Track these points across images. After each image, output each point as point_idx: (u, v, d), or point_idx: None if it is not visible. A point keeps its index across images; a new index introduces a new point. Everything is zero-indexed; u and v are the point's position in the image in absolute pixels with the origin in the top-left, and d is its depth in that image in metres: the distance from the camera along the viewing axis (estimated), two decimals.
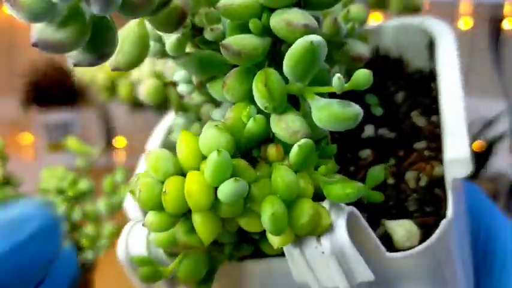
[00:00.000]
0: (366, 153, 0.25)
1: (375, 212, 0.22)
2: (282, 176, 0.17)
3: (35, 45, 0.14)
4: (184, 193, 0.16)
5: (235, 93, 0.19)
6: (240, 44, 0.18)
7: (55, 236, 0.25)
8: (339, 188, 0.18)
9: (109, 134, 1.92)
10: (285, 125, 0.18)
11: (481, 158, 1.58)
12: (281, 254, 0.20)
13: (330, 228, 0.18)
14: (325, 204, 0.19)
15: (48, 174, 0.50)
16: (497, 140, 1.58)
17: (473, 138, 1.53)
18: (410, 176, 0.23)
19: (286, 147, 0.18)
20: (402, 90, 0.28)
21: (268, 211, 0.16)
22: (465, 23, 1.64)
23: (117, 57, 0.17)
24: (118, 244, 0.22)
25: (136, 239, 0.21)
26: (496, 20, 1.77)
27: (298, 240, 0.18)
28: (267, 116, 0.19)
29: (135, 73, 0.33)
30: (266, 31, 0.18)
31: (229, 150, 0.17)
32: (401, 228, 0.21)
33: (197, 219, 0.17)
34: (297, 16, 0.17)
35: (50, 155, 1.59)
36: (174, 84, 0.27)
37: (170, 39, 0.20)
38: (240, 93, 0.19)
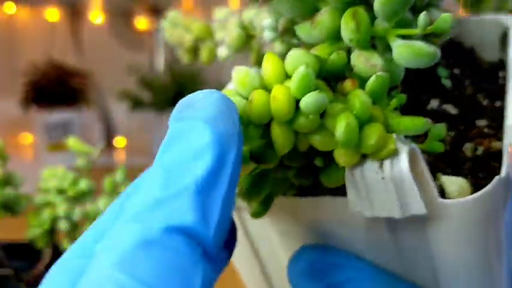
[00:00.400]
0: (450, 110, 0.26)
1: (432, 169, 0.22)
2: (359, 96, 0.18)
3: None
4: (270, 101, 0.18)
5: (323, 29, 0.20)
6: None
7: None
8: (407, 119, 0.19)
9: (109, 133, 1.92)
10: (364, 59, 0.19)
11: None
12: (335, 193, 0.21)
13: (393, 155, 0.19)
14: (393, 135, 0.20)
15: (48, 174, 0.50)
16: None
17: None
18: (468, 146, 0.24)
19: (362, 84, 0.19)
20: (470, 76, 0.29)
21: (343, 122, 0.17)
22: None
23: None
24: None
25: None
26: None
27: (361, 163, 0.19)
28: (349, 56, 0.20)
29: (220, 34, 0.34)
30: None
31: (315, 69, 0.18)
32: (455, 183, 0.21)
33: (276, 129, 0.18)
34: None
35: (50, 155, 1.59)
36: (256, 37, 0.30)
37: None
38: (328, 30, 0.20)
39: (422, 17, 0.18)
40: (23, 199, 0.47)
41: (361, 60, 0.19)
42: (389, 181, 0.19)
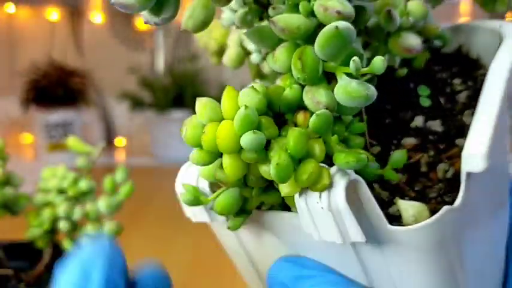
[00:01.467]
0: (409, 141, 0.26)
1: (397, 192, 0.24)
2: (294, 136, 0.20)
3: (112, 4, 0.19)
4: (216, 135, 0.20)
5: (281, 64, 0.22)
6: (286, 21, 0.20)
7: None
8: (343, 155, 0.20)
9: (109, 133, 1.92)
10: (311, 96, 0.21)
11: None
12: None
13: (329, 187, 0.20)
14: (334, 168, 0.21)
15: (48, 173, 0.50)
16: None
17: None
18: (441, 167, 0.24)
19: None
20: (467, 89, 0.29)
21: (274, 161, 0.19)
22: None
23: (188, 21, 0.21)
24: (177, 178, 0.26)
25: (190, 173, 0.25)
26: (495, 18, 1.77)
27: (305, 193, 0.21)
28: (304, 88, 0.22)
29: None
30: (313, 13, 0.21)
31: (259, 108, 0.20)
32: (412, 209, 0.22)
33: (225, 159, 0.21)
34: (334, 3, 0.20)
35: (50, 155, 1.59)
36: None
37: (238, 12, 0.24)
38: (285, 65, 0.21)
39: (351, 62, 0.19)
40: (23, 199, 0.47)
41: (308, 97, 0.21)
42: (328, 211, 0.20)
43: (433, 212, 0.21)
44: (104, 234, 0.26)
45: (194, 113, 0.22)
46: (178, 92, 1.89)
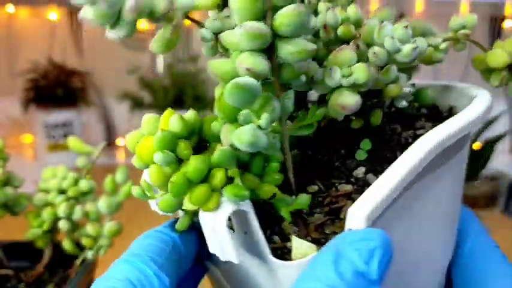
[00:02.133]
0: (346, 187, 0.29)
1: (304, 230, 0.27)
2: (194, 162, 0.24)
3: (106, 37, 0.24)
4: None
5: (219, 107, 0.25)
6: (216, 67, 0.25)
7: None
8: (229, 188, 0.24)
9: (109, 133, 1.92)
10: (225, 131, 0.25)
11: (481, 158, 1.58)
12: None
13: (217, 211, 0.24)
14: (225, 196, 0.25)
15: (49, 173, 0.50)
16: (497, 140, 1.58)
17: (473, 137, 1.53)
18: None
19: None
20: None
21: (172, 178, 0.24)
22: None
23: (154, 44, 0.26)
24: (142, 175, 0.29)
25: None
26: (496, 19, 1.77)
27: (201, 211, 0.25)
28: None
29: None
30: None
31: (180, 133, 0.25)
32: (302, 247, 0.25)
33: (150, 167, 0.25)
34: (248, 60, 0.23)
35: (50, 155, 1.59)
36: None
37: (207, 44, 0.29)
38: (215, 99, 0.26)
39: (244, 116, 0.24)
40: (23, 199, 0.47)
41: (223, 133, 0.25)
42: (211, 230, 0.25)
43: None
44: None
45: None
46: (178, 92, 1.89)
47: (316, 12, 0.32)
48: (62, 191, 0.49)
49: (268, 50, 0.24)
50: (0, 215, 0.46)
